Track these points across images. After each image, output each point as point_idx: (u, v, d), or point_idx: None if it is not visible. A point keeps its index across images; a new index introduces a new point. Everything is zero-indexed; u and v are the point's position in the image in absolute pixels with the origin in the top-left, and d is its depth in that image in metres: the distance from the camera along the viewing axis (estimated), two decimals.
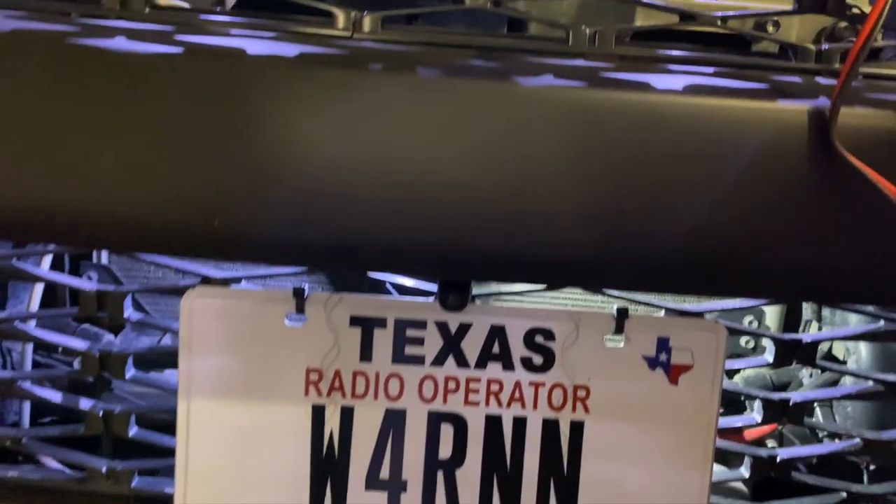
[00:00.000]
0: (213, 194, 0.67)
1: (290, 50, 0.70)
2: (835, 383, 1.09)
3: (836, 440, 0.97)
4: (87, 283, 0.82)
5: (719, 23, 0.75)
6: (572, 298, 1.22)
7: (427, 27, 0.79)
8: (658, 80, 0.71)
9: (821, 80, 0.77)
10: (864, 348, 1.01)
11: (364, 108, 0.67)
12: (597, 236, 0.69)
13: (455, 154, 0.67)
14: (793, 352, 0.85)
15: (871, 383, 0.87)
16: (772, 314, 1.29)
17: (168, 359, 0.85)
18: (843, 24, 1.16)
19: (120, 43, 0.68)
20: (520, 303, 0.96)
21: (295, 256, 0.73)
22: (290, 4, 0.76)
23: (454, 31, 0.79)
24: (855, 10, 0.81)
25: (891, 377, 0.87)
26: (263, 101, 0.67)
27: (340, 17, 0.78)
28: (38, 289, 0.89)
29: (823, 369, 0.92)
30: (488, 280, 0.79)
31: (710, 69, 0.77)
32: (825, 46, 0.80)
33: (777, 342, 0.85)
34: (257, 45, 0.71)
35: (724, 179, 0.68)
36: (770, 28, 1.20)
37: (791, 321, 1.26)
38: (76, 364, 0.85)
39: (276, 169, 0.67)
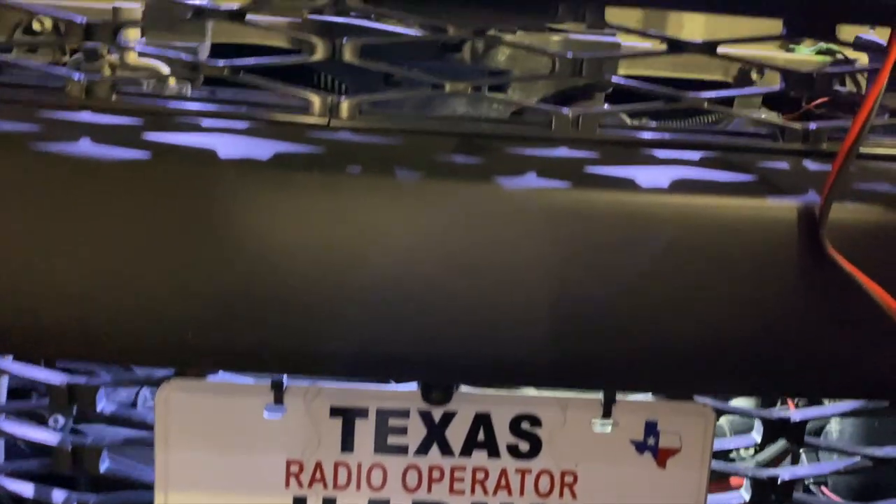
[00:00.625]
0: (185, 306, 0.64)
1: (263, 150, 0.67)
2: None
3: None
4: (56, 376, 0.79)
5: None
6: None
7: (406, 113, 0.77)
8: (642, 175, 0.69)
9: (809, 164, 0.76)
10: (850, 422, 1.00)
11: (341, 214, 0.65)
12: (584, 339, 0.67)
13: (435, 260, 0.65)
14: (781, 430, 0.84)
15: (858, 458, 0.87)
16: None
17: (145, 449, 0.82)
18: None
19: (85, 147, 0.65)
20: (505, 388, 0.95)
21: (270, 365, 0.71)
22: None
23: (435, 117, 0.77)
24: (840, 89, 0.80)
25: (878, 451, 0.87)
26: (236, 208, 0.64)
27: (316, 103, 0.75)
28: (5, 379, 0.86)
29: (811, 447, 0.91)
30: (472, 383, 0.77)
31: (696, 155, 0.75)
32: (812, 126, 0.78)
33: (765, 421, 0.84)
34: (229, 144, 0.68)
35: (710, 281, 0.67)
36: (755, 75, 1.19)
37: None
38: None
39: (249, 278, 0.64)
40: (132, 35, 1.02)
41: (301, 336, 0.65)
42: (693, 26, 1.16)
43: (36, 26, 1.14)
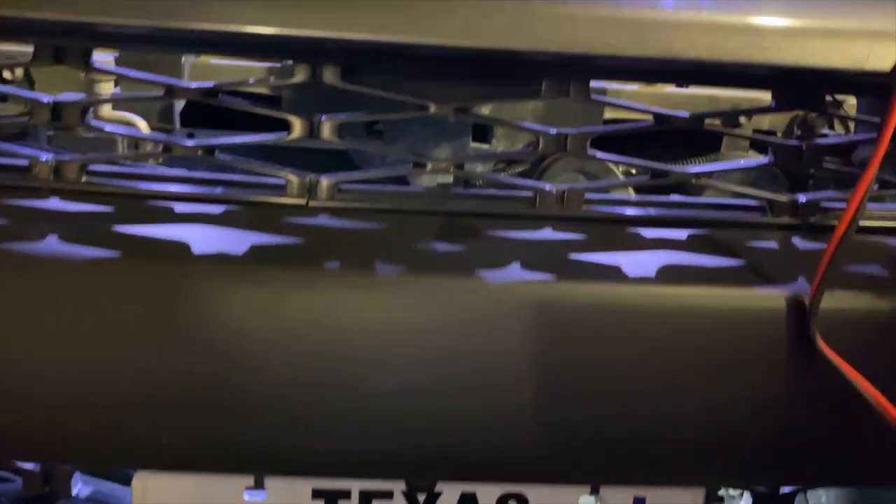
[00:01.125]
0: (158, 408, 0.62)
1: (238, 242, 0.65)
2: None
3: None
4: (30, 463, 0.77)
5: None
6: None
7: (387, 190, 0.75)
8: (628, 262, 0.68)
9: (799, 242, 0.74)
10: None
11: (318, 314, 0.63)
12: (570, 435, 0.66)
13: (416, 358, 0.63)
14: (771, 501, 0.83)
15: None
16: None
17: None
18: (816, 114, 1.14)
19: (52, 246, 0.62)
20: None
21: (250, 467, 0.69)
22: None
23: (416, 193, 0.74)
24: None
25: None
26: (211, 308, 0.62)
27: (294, 183, 0.73)
28: None
29: None
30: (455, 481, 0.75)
31: (683, 233, 0.74)
32: (802, 199, 0.77)
33: (755, 495, 0.82)
34: (203, 236, 0.66)
35: (697, 374, 0.65)
36: (742, 119, 1.18)
37: None
38: None
39: (224, 380, 0.63)
40: (105, 88, 1.00)
41: (278, 437, 0.64)
42: None
43: (7, 75, 1.12)
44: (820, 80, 0.72)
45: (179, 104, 1.09)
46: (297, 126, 0.71)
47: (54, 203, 0.68)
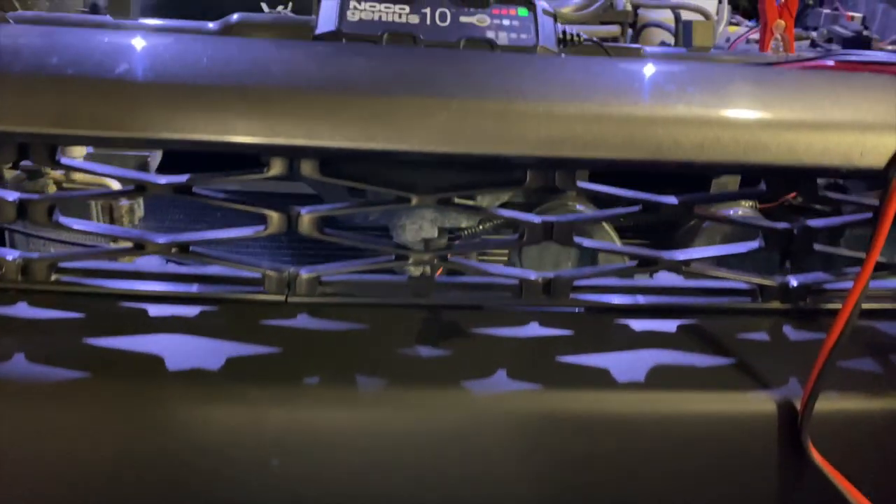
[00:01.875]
0: None
1: (214, 354, 0.63)
2: None
3: None
4: None
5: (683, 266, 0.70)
6: None
7: (369, 281, 0.73)
8: (615, 363, 0.66)
9: (790, 331, 0.73)
10: None
11: (297, 432, 0.61)
12: None
13: (396, 475, 0.62)
14: None
15: None
16: None
17: None
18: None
19: (19, 366, 0.60)
20: None
21: None
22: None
23: (398, 285, 0.72)
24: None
25: None
26: (186, 430, 0.60)
27: (273, 279, 0.71)
28: None
29: None
30: None
31: (672, 325, 0.72)
32: (793, 282, 0.75)
33: None
34: (177, 348, 0.63)
35: (685, 482, 0.64)
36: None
37: None
38: None
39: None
40: (78, 153, 0.96)
41: None
42: None
43: None
44: (814, 171, 0.70)
45: (156, 160, 1.06)
46: (275, 220, 0.69)
47: (22, 309, 0.66)
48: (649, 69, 0.69)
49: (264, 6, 1.37)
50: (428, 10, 0.96)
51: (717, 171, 0.72)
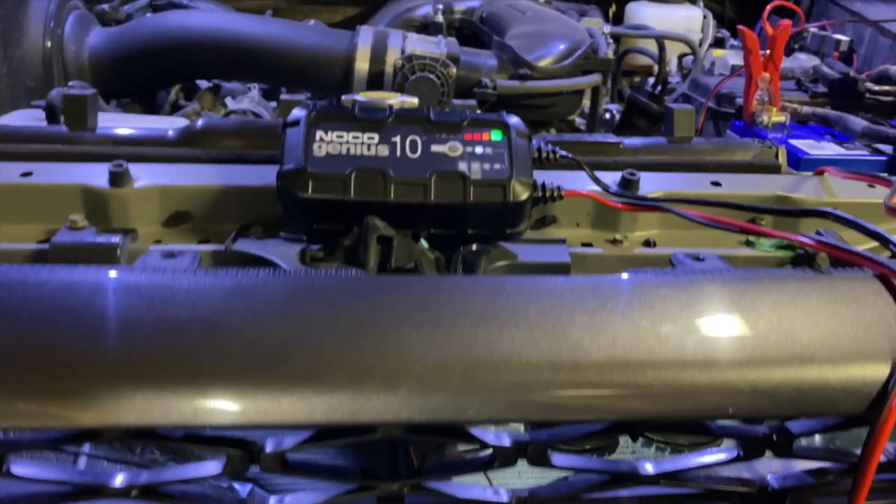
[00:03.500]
0: None
1: None
2: None
3: None
4: None
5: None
6: None
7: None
8: None
9: None
10: None
11: None
12: None
13: None
14: None
15: None
16: None
17: None
18: None
19: None
20: None
21: None
22: None
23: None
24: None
25: None
26: None
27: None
28: None
29: None
30: None
31: None
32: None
33: None
34: None
35: None
36: None
37: None
38: None
39: None
40: None
41: None
42: None
43: None
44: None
45: None
46: (235, 458, 0.65)
47: None
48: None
49: (229, 101, 1.32)
50: (398, 139, 0.92)
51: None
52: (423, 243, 0.94)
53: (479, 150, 0.91)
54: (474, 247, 0.71)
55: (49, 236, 0.97)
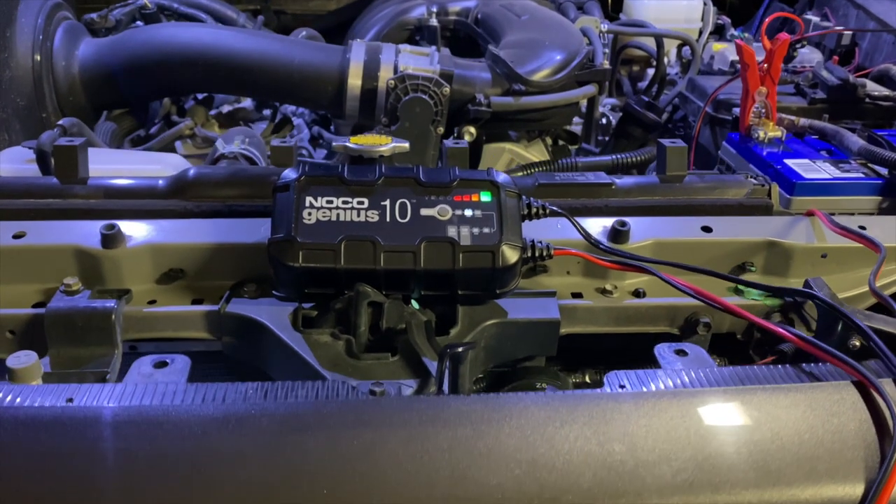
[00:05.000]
0: None
1: None
2: None
3: None
4: None
5: None
6: None
7: None
8: None
9: None
10: None
11: None
12: None
13: None
14: None
15: None
16: None
17: None
18: None
19: None
20: None
21: None
22: None
23: None
24: None
25: None
26: None
27: None
28: None
29: None
30: None
31: None
32: None
33: None
34: None
35: None
36: (701, 329, 1.10)
37: None
38: None
39: None
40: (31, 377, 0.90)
41: None
42: None
43: None
44: None
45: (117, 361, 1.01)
46: None
47: None
48: None
49: (219, 144, 1.31)
50: (388, 203, 0.92)
51: None
52: (415, 304, 0.95)
53: (468, 212, 0.92)
54: (460, 348, 0.71)
55: (44, 297, 0.98)
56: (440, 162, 1.68)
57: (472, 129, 1.55)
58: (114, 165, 1.18)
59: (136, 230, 0.98)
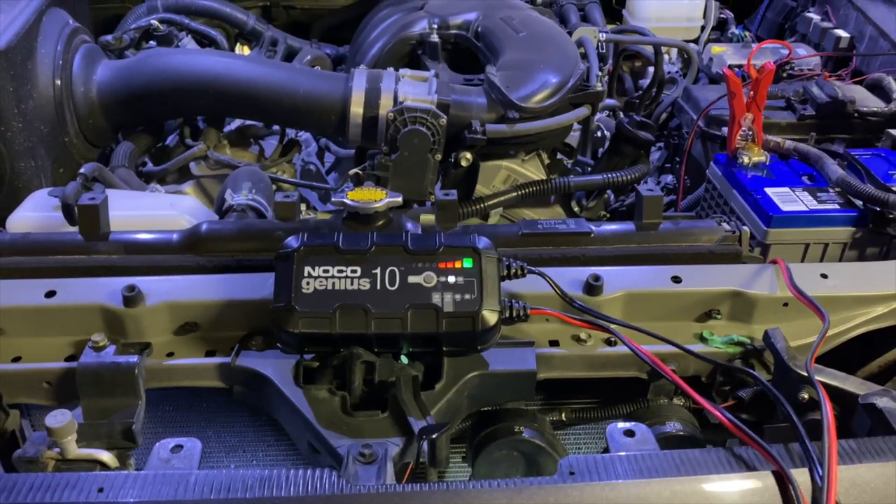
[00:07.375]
0: None
1: None
2: None
3: None
4: None
5: None
6: None
7: None
8: None
9: None
10: None
11: None
12: None
13: None
14: None
15: None
16: None
17: None
18: None
19: None
20: None
21: None
22: None
23: None
24: None
25: None
26: None
27: None
28: None
29: None
30: None
31: None
32: None
33: None
34: None
35: None
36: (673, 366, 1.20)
37: None
38: None
39: None
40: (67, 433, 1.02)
41: None
42: None
43: None
44: None
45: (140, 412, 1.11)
46: None
47: None
48: None
49: (228, 195, 1.40)
50: (378, 270, 1.02)
51: None
52: (404, 359, 1.05)
53: (451, 279, 1.01)
54: (434, 434, 0.82)
55: (74, 349, 1.10)
56: (438, 184, 1.78)
57: (469, 155, 1.62)
58: (132, 212, 1.29)
59: (154, 287, 1.09)
